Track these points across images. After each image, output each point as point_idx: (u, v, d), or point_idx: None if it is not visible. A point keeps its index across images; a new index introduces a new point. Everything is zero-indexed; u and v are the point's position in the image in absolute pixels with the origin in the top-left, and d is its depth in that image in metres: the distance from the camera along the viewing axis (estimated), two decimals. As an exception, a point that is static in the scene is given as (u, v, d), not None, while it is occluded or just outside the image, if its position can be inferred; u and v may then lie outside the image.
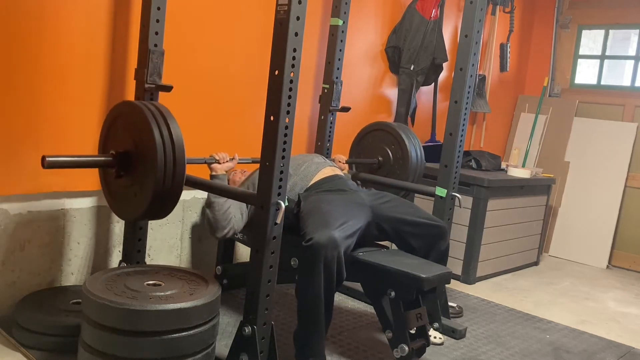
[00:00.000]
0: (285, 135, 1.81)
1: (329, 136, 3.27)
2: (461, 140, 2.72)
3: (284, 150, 1.82)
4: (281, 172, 1.83)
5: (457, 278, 3.63)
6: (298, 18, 1.76)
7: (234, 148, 2.48)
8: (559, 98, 5.08)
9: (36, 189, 2.27)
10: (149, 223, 2.48)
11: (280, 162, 1.82)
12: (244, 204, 2.38)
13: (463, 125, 2.71)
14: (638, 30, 4.80)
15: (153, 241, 2.69)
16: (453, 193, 2.74)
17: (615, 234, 4.60)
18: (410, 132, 3.12)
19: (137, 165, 1.87)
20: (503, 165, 4.21)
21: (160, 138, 1.78)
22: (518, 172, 3.99)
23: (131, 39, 2.45)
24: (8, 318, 2.17)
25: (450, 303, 2.87)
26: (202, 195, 2.87)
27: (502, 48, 4.76)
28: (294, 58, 1.78)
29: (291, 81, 1.79)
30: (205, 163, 2.34)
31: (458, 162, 2.74)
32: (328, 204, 2.24)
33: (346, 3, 3.16)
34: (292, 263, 2.19)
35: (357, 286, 2.67)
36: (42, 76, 2.22)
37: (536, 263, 4.37)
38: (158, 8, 2.26)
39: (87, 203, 2.44)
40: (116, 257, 2.56)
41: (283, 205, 1.84)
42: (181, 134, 1.83)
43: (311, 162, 2.56)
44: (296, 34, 1.77)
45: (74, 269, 2.43)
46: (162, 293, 1.82)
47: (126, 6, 2.42)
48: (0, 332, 2.10)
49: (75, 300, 2.20)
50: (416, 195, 3.79)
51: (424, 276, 2.08)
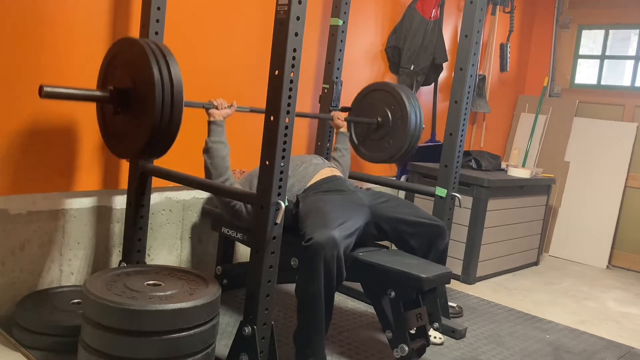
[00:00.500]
0: (285, 135, 1.81)
1: (329, 136, 3.27)
2: (461, 140, 2.72)
3: (284, 150, 1.82)
4: (281, 172, 1.83)
5: (457, 278, 3.63)
6: (298, 18, 1.76)
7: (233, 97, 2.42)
8: (559, 98, 5.08)
9: (36, 189, 2.27)
10: (149, 223, 2.48)
11: (280, 162, 1.82)
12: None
13: (463, 125, 2.71)
14: (638, 30, 4.80)
15: (153, 241, 2.69)
16: (453, 193, 2.74)
17: (615, 234, 4.60)
18: (411, 94, 3.04)
19: (135, 103, 1.85)
20: (503, 165, 4.21)
21: (159, 76, 1.76)
22: (518, 172, 3.99)
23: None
24: (8, 318, 2.18)
25: (450, 303, 2.87)
26: (202, 195, 2.87)
27: (502, 48, 4.76)
28: (294, 58, 1.78)
29: (291, 81, 1.79)
30: (203, 107, 2.26)
31: (458, 162, 2.74)
32: (327, 204, 2.24)
33: (346, 3, 3.16)
34: (292, 263, 2.19)
35: (357, 286, 2.67)
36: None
37: (536, 263, 4.37)
38: (158, 8, 2.26)
39: (87, 203, 2.44)
40: (116, 257, 2.56)
41: (283, 205, 1.84)
42: (180, 75, 1.81)
43: (309, 163, 2.56)
44: (296, 34, 1.77)
45: (74, 269, 2.43)
46: (162, 293, 1.82)
47: (126, 6, 2.42)
48: (0, 332, 2.10)
49: (75, 300, 2.21)
50: (416, 195, 3.79)
51: (424, 276, 2.08)
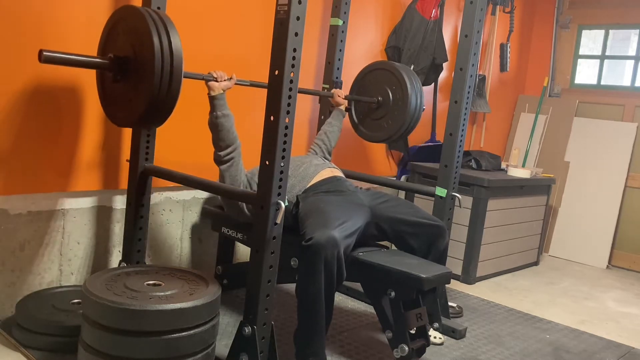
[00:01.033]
0: (285, 135, 1.81)
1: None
2: (461, 140, 2.72)
3: (284, 150, 1.82)
4: (281, 172, 1.83)
5: (457, 278, 3.63)
6: (298, 18, 1.76)
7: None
8: (559, 98, 5.08)
9: (36, 189, 2.27)
10: (149, 223, 2.48)
11: (280, 162, 1.82)
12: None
13: (463, 125, 2.71)
14: (638, 30, 4.80)
15: (153, 241, 2.69)
16: (453, 193, 2.74)
17: (615, 234, 4.60)
18: (413, 75, 3.02)
19: (135, 71, 1.85)
20: (503, 165, 4.21)
21: (159, 45, 1.76)
22: (518, 172, 3.99)
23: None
24: (8, 318, 2.18)
25: (450, 303, 2.87)
26: (202, 195, 2.87)
27: (502, 48, 4.76)
28: (294, 58, 1.78)
29: (291, 81, 1.79)
30: (202, 79, 2.24)
31: (458, 162, 2.74)
32: (327, 204, 2.24)
33: (346, 3, 3.16)
34: (292, 263, 2.19)
35: (357, 286, 2.68)
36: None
37: (536, 263, 4.37)
38: (158, 8, 2.26)
39: (87, 203, 2.44)
40: (116, 257, 2.56)
41: (283, 205, 1.84)
42: (181, 45, 1.81)
43: (310, 164, 2.56)
44: (296, 34, 1.77)
45: (74, 269, 2.43)
46: (162, 293, 1.82)
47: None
48: (0, 332, 2.10)
49: (75, 300, 2.21)
50: (416, 195, 3.79)
51: (424, 276, 2.08)
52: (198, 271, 2.08)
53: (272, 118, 1.81)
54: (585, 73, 5.14)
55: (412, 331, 2.20)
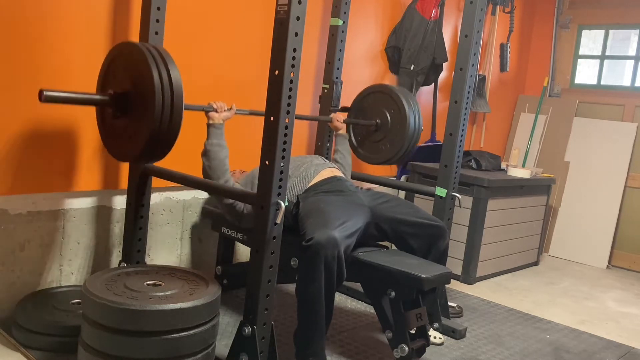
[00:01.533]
0: (285, 135, 1.81)
1: (329, 136, 3.26)
2: (461, 140, 2.72)
3: (284, 150, 1.82)
4: (281, 172, 1.83)
5: (457, 278, 3.63)
6: (298, 18, 1.76)
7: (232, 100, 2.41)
8: (559, 98, 5.08)
9: (36, 189, 2.27)
10: (149, 223, 2.48)
11: (280, 162, 1.82)
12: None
13: (463, 125, 2.71)
14: (638, 30, 4.80)
15: (153, 241, 2.69)
16: (453, 193, 2.74)
17: (615, 234, 4.60)
18: (411, 98, 3.03)
19: (135, 106, 1.85)
20: (503, 165, 4.21)
21: (159, 81, 1.76)
22: (518, 172, 3.99)
23: (131, 39, 2.45)
24: (8, 318, 2.17)
25: (450, 303, 2.87)
26: (202, 195, 2.87)
27: (502, 48, 4.76)
28: (294, 58, 1.78)
29: (291, 81, 1.79)
30: (202, 110, 2.25)
31: (458, 162, 2.74)
32: (327, 205, 2.24)
33: (346, 3, 3.16)
34: (292, 263, 2.19)
35: (357, 286, 2.67)
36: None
37: (536, 263, 4.37)
38: (158, 8, 2.26)
39: (87, 203, 2.44)
40: (116, 257, 2.56)
41: (283, 205, 1.84)
42: (180, 78, 1.81)
43: (310, 164, 2.56)
44: (296, 34, 1.77)
45: (74, 269, 2.43)
46: (162, 293, 1.82)
47: (126, 6, 2.42)
48: (0, 332, 2.10)
49: (75, 300, 2.21)
50: (416, 195, 3.79)
51: (424, 276, 2.08)
52: (198, 271, 2.08)
53: (272, 118, 1.81)
54: (585, 73, 5.14)
55: (412, 331, 2.20)
